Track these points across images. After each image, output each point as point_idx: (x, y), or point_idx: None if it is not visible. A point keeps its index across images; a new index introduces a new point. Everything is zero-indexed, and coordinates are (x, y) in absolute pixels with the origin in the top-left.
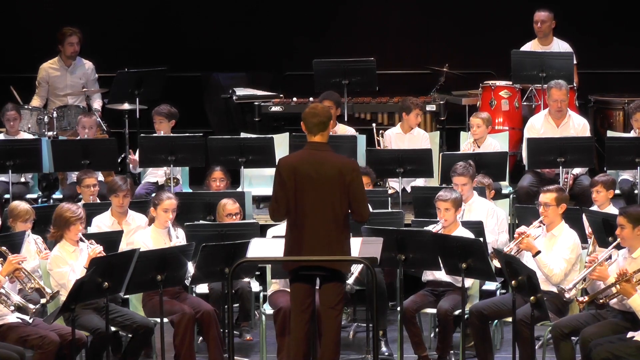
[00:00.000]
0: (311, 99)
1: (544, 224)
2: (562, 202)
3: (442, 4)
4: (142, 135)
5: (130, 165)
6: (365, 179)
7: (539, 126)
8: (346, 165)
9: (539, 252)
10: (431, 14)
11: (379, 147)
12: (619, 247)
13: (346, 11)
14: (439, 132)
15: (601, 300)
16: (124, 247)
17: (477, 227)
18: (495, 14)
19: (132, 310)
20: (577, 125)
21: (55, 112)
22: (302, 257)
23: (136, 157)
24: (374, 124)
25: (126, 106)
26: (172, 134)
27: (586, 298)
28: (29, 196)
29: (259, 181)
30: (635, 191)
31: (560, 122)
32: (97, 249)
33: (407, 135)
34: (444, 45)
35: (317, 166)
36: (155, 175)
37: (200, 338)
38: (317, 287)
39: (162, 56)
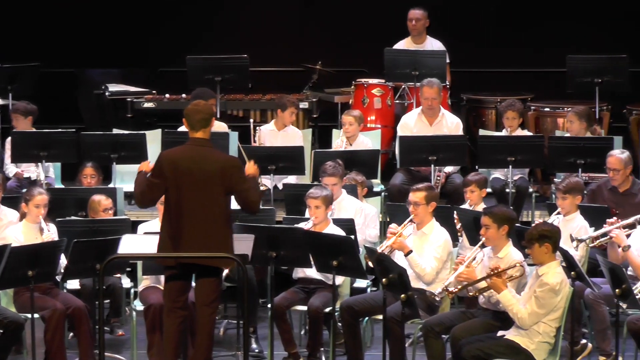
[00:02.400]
0: (184, 95)
1: (414, 223)
2: (431, 200)
3: (315, 2)
4: (14, 130)
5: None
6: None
7: (412, 124)
8: (227, 162)
9: (410, 252)
10: (304, 12)
11: (254, 144)
12: (483, 247)
13: (220, 8)
14: (311, 129)
15: (470, 294)
16: None
17: (348, 225)
18: (368, 12)
19: (2, 306)
20: (450, 124)
21: None
22: (172, 254)
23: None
24: (251, 120)
25: None
26: (45, 130)
27: (456, 289)
28: None
29: (130, 177)
30: (507, 190)
31: (433, 120)
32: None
33: (280, 133)
34: (317, 43)
35: (198, 162)
36: (28, 171)
37: (71, 334)
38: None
39: (35, 52)
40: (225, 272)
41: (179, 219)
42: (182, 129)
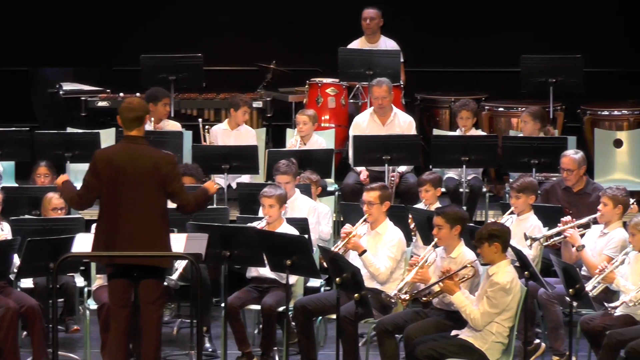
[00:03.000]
0: (138, 94)
1: (368, 222)
2: (385, 200)
3: (269, 1)
4: None
5: None
6: (189, 179)
7: (365, 124)
8: (162, 159)
9: (365, 252)
10: (259, 11)
11: (205, 143)
12: (436, 247)
13: (174, 7)
14: (265, 128)
15: (424, 299)
16: None
17: (301, 224)
18: (322, 11)
19: None
20: (403, 123)
21: None
22: (127, 252)
23: None
24: (200, 119)
25: None
26: None
27: (408, 296)
28: None
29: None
30: (461, 189)
31: (385, 120)
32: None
33: (233, 132)
34: (271, 42)
35: (133, 160)
36: None
37: (25, 333)
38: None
39: None
40: (179, 271)
41: (114, 217)
42: None
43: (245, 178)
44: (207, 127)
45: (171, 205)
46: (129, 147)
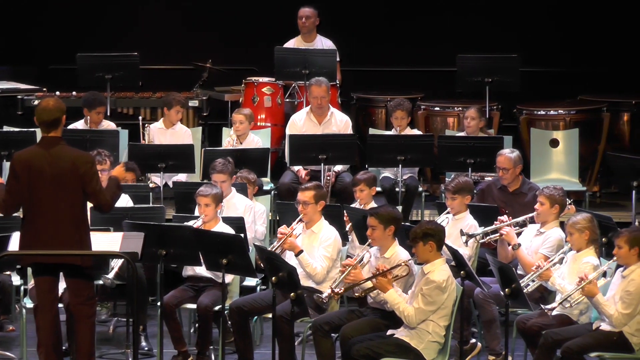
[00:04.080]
0: (74, 93)
1: (303, 222)
2: (320, 199)
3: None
4: None
5: None
6: (130, 175)
7: (301, 123)
8: (80, 158)
9: (301, 252)
10: (195, 9)
11: (144, 142)
12: (370, 247)
13: (111, 6)
14: (201, 127)
15: (356, 294)
16: None
17: (237, 223)
18: (258, 10)
19: None
20: (339, 122)
21: None
22: (63, 251)
23: None
24: (140, 118)
25: None
26: None
27: (341, 290)
28: None
29: None
30: (397, 189)
31: (322, 119)
32: None
33: (169, 131)
34: (207, 41)
35: (51, 160)
36: None
37: None
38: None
39: None
40: (115, 269)
41: (36, 218)
42: (73, 125)
43: (181, 177)
44: (147, 125)
45: (123, 203)
46: (47, 149)
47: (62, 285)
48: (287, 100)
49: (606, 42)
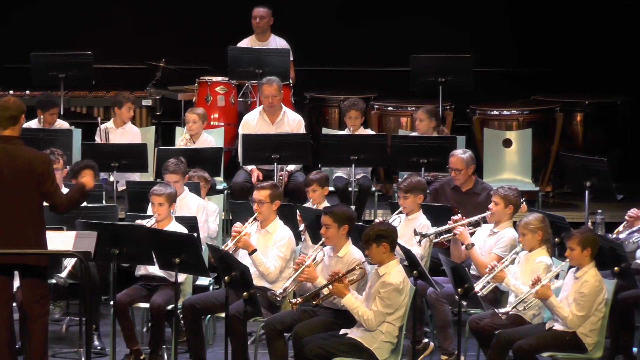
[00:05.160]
0: (28, 92)
1: (258, 221)
2: (275, 198)
3: None
4: None
5: None
6: (90, 172)
7: (254, 123)
8: (37, 158)
9: (255, 251)
10: (149, 8)
11: (100, 141)
12: (324, 246)
13: (65, 4)
14: (154, 127)
15: (314, 302)
16: None
17: (190, 222)
18: (212, 9)
19: None
20: (292, 122)
21: None
22: (23, 250)
23: None
24: (99, 118)
25: None
26: None
27: (299, 300)
28: None
29: None
30: (350, 188)
31: (274, 118)
32: None
33: (119, 130)
34: (160, 40)
35: (7, 160)
36: None
37: None
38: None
39: None
40: (69, 268)
41: None
42: (27, 124)
43: (134, 176)
44: (103, 125)
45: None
46: (4, 147)
47: (15, 284)
48: (241, 99)
49: (559, 42)
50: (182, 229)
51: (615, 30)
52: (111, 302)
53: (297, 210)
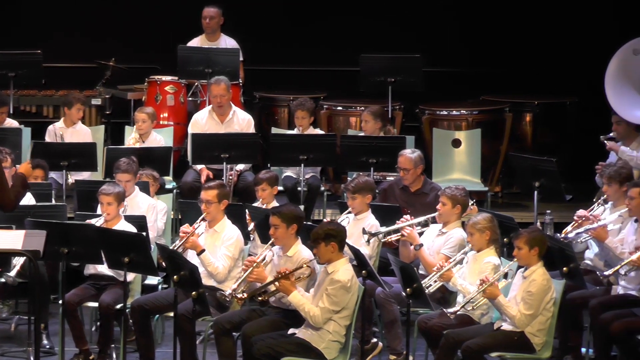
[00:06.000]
0: None
1: (206, 221)
2: (223, 198)
3: None
4: None
5: None
6: (40, 172)
7: (204, 122)
8: None
9: (203, 251)
10: (99, 7)
11: (56, 141)
12: (273, 245)
13: (14, 2)
14: (103, 126)
15: (260, 298)
16: None
17: (139, 222)
18: (162, 9)
19: None
20: (242, 122)
21: None
22: None
23: None
24: (62, 119)
25: None
26: None
27: (245, 295)
28: None
29: None
30: (299, 188)
31: (224, 118)
32: None
33: (70, 130)
34: (110, 39)
35: None
36: None
37: None
38: None
39: None
40: (17, 268)
41: None
42: None
43: (84, 175)
44: (54, 125)
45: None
46: None
47: None
48: (190, 99)
49: (509, 43)
50: (131, 228)
51: (564, 31)
52: (60, 301)
53: (247, 210)
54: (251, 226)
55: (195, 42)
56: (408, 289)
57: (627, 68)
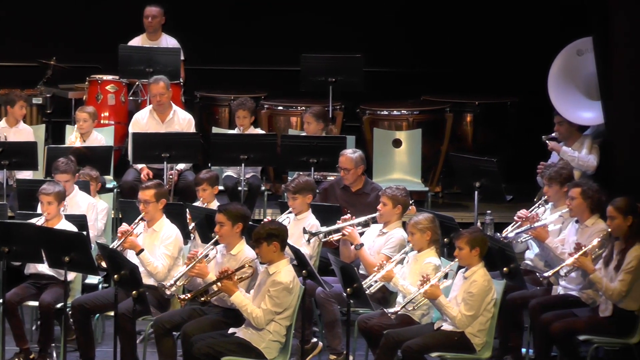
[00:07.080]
0: None
1: (145, 220)
2: (161, 197)
3: None
4: None
5: None
6: None
7: (144, 121)
8: None
9: (142, 251)
10: (40, 5)
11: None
12: (216, 244)
13: None
14: (44, 125)
15: (202, 299)
16: None
17: (80, 221)
18: (103, 7)
19: None
20: (182, 121)
21: None
22: None
23: None
24: (5, 118)
25: None
26: None
27: (188, 296)
28: None
29: None
30: (239, 188)
31: (164, 117)
32: None
33: (12, 129)
34: (51, 38)
35: None
36: None
37: None
38: None
39: None
40: None
41: None
42: None
43: (24, 174)
44: None
45: None
46: None
47: None
48: (131, 98)
49: (450, 43)
50: (72, 228)
51: (505, 31)
52: (0, 300)
53: (187, 209)
54: (192, 225)
55: (136, 42)
56: (348, 289)
57: (571, 69)
